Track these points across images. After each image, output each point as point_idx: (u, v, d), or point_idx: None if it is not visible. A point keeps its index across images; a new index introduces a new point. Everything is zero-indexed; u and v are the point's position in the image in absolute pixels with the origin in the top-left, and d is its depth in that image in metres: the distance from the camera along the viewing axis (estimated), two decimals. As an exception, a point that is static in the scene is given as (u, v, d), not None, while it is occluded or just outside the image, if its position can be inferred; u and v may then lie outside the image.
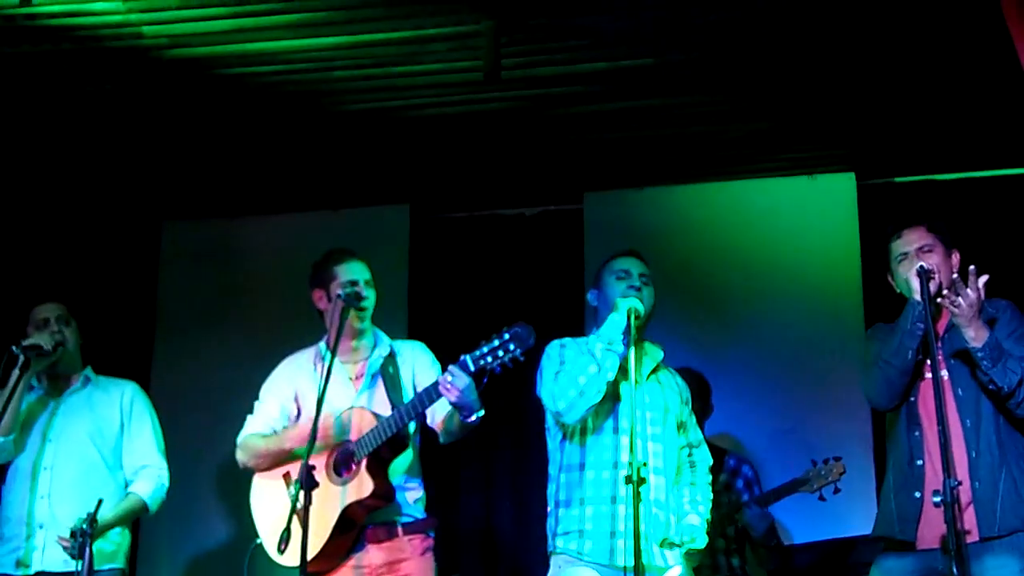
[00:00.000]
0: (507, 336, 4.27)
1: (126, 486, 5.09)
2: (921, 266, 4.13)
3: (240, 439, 4.87)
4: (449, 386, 4.32)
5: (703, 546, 4.33)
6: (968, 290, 4.04)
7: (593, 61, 5.38)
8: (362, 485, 4.47)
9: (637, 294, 4.35)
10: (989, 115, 5.87)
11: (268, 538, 4.64)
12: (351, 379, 4.76)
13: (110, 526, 4.94)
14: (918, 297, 4.12)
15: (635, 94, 5.69)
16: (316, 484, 4.20)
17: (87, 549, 4.48)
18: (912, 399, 4.23)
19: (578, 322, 6.50)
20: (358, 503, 4.48)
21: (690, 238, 6.66)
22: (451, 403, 4.39)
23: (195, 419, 6.75)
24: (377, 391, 4.73)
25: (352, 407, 4.63)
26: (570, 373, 4.30)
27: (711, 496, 4.48)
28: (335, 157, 6.39)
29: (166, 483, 5.17)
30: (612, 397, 4.32)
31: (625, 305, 4.28)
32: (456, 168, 6.57)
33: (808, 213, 6.58)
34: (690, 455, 4.50)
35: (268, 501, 4.72)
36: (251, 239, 7.06)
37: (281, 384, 4.85)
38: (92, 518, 4.51)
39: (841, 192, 6.54)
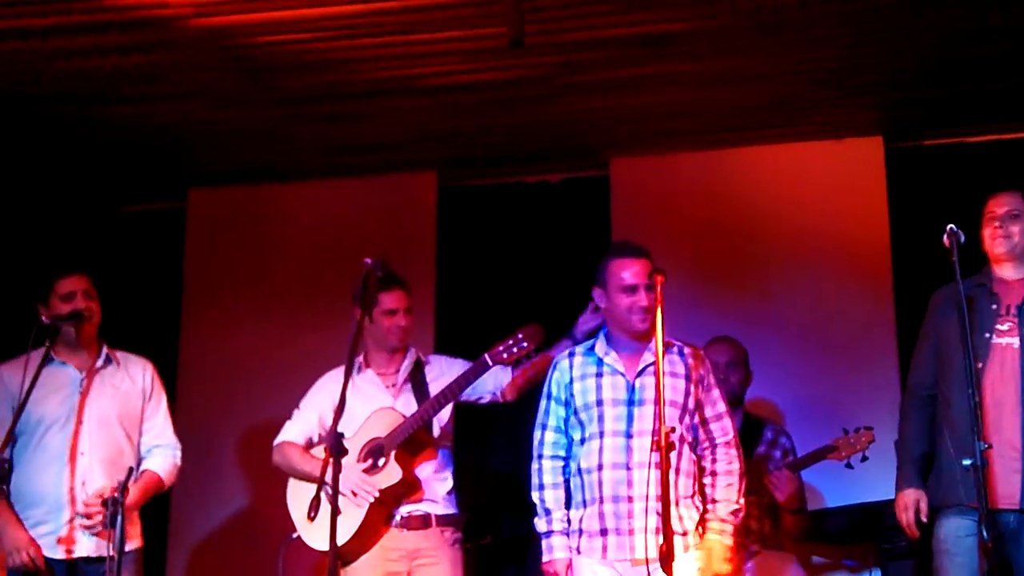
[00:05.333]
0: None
1: (139, 464, 5.06)
2: (951, 228, 4.13)
3: (277, 442, 5.19)
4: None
5: (728, 539, 4.35)
6: None
7: (618, 26, 5.34)
8: (390, 475, 4.89)
9: (643, 317, 4.36)
10: (1020, 76, 5.83)
11: (305, 528, 4.93)
12: (388, 387, 5.15)
13: (137, 505, 4.97)
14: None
15: (661, 59, 5.65)
16: (346, 451, 4.31)
17: (119, 518, 4.48)
18: (980, 365, 4.23)
19: (605, 288, 6.51)
20: (387, 490, 4.87)
21: (716, 203, 6.64)
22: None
23: (223, 388, 6.80)
24: (410, 395, 5.14)
25: (379, 408, 5.04)
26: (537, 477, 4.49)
27: (736, 482, 4.44)
28: (361, 124, 6.38)
29: (179, 463, 5.17)
30: (596, 404, 4.38)
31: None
32: (482, 135, 6.55)
33: (836, 177, 6.54)
34: (708, 435, 4.48)
35: (305, 496, 4.86)
36: (277, 207, 7.06)
37: (322, 396, 5.15)
38: (124, 487, 4.52)
39: (869, 156, 6.50)
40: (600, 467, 4.31)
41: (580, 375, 4.45)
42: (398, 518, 4.94)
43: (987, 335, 4.27)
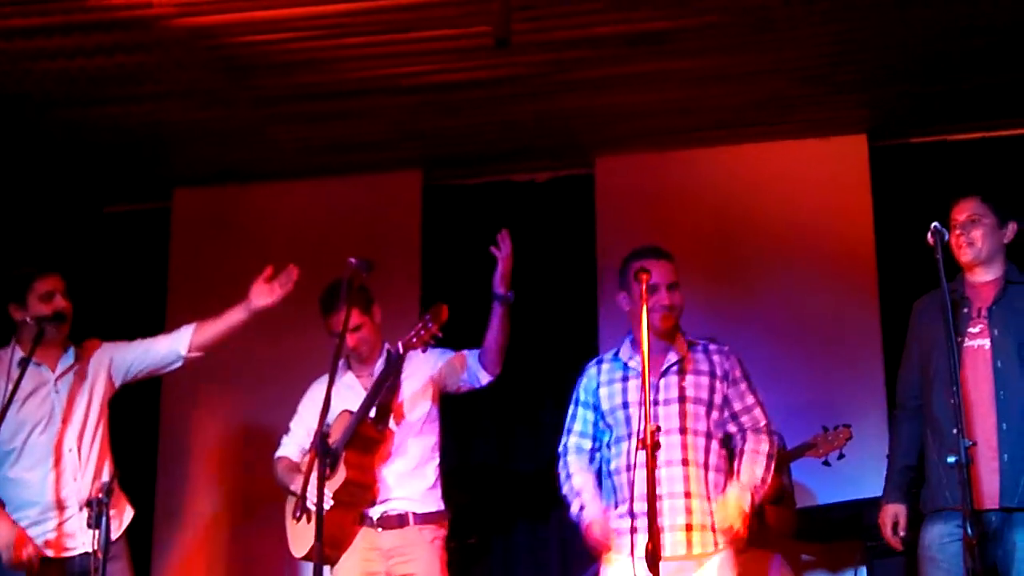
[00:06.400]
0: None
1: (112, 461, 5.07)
2: (935, 226, 4.15)
3: (276, 456, 5.20)
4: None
5: (739, 519, 4.34)
6: None
7: (605, 25, 5.35)
8: (336, 478, 4.81)
9: (665, 315, 4.42)
10: (1005, 74, 5.84)
11: (290, 537, 4.96)
12: (366, 388, 5.08)
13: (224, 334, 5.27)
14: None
15: (647, 58, 5.66)
16: (331, 451, 4.31)
17: (104, 518, 4.47)
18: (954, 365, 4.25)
19: (589, 286, 6.53)
20: (338, 493, 4.79)
21: (702, 202, 6.64)
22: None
23: (208, 388, 6.77)
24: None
25: (340, 412, 4.95)
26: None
27: (762, 461, 4.47)
28: (346, 124, 6.38)
29: None
30: (622, 406, 4.46)
31: None
32: (467, 134, 6.55)
33: (820, 176, 6.55)
34: (739, 426, 4.52)
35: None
36: (263, 207, 7.04)
37: (308, 407, 5.14)
38: (108, 488, 4.52)
39: (853, 154, 6.52)
40: (629, 467, 4.34)
41: (607, 380, 4.54)
42: (374, 518, 4.91)
43: (959, 338, 4.28)
